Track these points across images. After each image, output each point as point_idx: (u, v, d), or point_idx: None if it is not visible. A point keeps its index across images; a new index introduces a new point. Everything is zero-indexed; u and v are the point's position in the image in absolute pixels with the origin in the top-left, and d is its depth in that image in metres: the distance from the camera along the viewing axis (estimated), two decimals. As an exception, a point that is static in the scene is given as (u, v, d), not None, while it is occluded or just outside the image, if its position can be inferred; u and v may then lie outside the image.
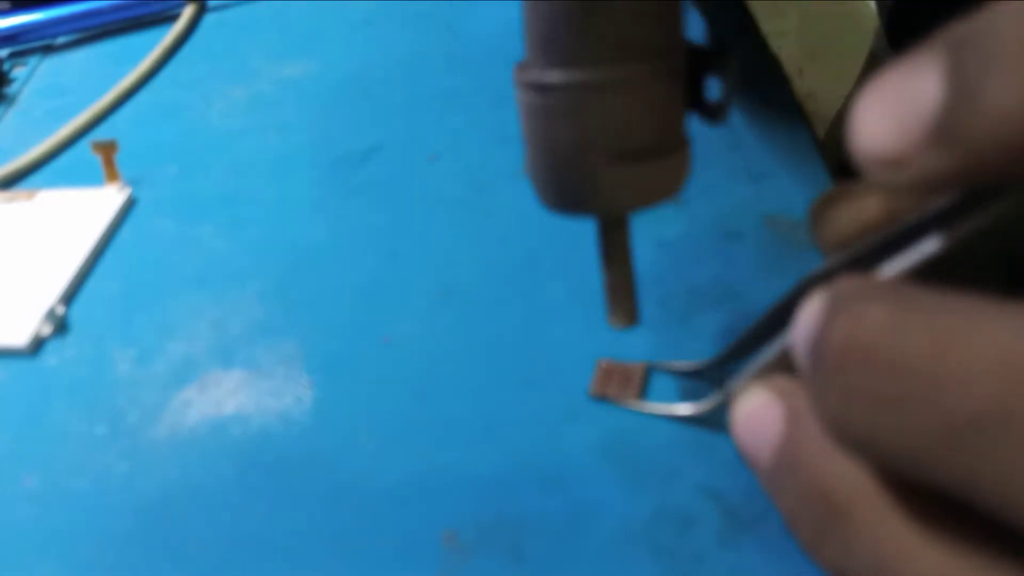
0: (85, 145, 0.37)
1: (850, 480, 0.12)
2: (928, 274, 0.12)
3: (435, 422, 0.25)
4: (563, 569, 0.21)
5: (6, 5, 0.46)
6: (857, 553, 0.12)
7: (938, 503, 0.11)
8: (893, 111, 0.11)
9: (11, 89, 0.42)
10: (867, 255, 0.14)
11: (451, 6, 0.43)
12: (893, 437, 0.10)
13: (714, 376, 0.24)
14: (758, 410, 0.14)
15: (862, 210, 0.15)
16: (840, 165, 0.31)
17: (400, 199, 0.32)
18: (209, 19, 0.46)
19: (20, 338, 0.29)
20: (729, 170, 0.31)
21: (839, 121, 0.40)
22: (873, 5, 0.43)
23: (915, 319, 0.10)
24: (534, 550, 0.22)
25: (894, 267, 0.12)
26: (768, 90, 0.34)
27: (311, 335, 0.28)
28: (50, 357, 0.29)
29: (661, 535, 0.21)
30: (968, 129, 0.10)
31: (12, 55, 0.45)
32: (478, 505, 0.23)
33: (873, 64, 0.42)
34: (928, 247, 0.12)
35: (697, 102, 0.18)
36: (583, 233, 0.30)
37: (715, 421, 0.23)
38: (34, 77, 0.44)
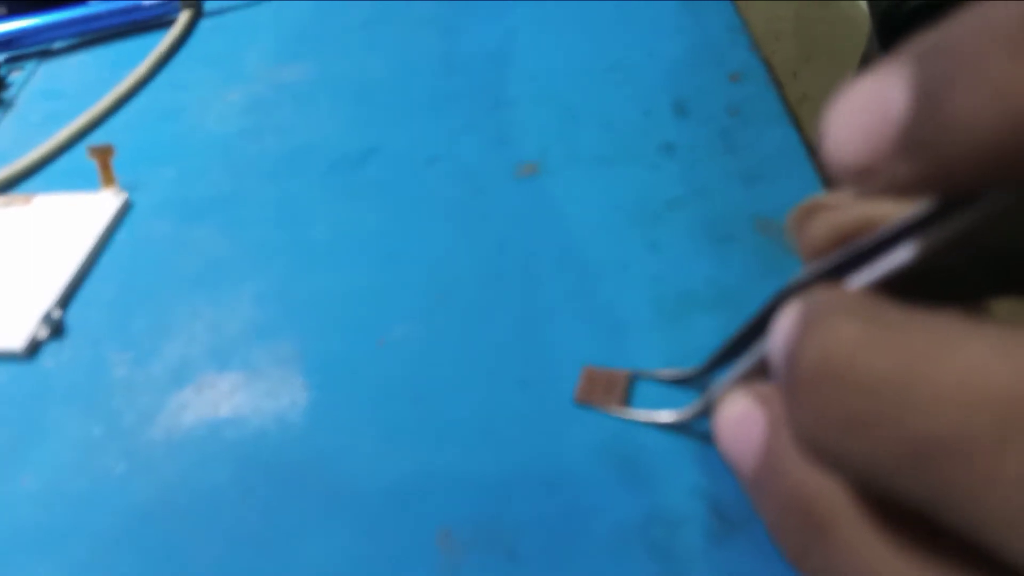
0: (82, 149, 0.37)
1: (830, 493, 0.12)
2: (901, 283, 0.12)
3: (431, 423, 0.25)
4: (557, 569, 0.21)
5: (3, 10, 0.47)
6: (837, 567, 0.12)
7: (918, 517, 0.11)
8: (861, 120, 0.11)
9: (8, 93, 0.43)
10: (845, 264, 0.14)
11: (449, 8, 0.43)
12: (862, 456, 0.10)
13: (698, 384, 0.24)
14: (740, 418, 0.14)
15: (839, 220, 0.15)
16: (832, 168, 0.31)
17: (397, 202, 0.33)
18: (205, 24, 0.46)
19: (17, 341, 0.29)
20: (722, 173, 0.31)
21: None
22: (865, 7, 0.44)
23: (885, 338, 0.10)
24: (528, 550, 0.22)
25: (867, 276, 0.12)
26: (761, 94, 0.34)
27: (307, 337, 0.28)
28: (47, 360, 0.29)
29: (654, 535, 0.22)
30: (934, 138, 0.10)
31: (9, 60, 0.46)
32: (473, 505, 0.23)
33: (865, 67, 0.42)
34: (901, 256, 0.12)
35: None
36: (579, 236, 0.30)
37: (697, 427, 0.23)
38: (31, 81, 0.44)
